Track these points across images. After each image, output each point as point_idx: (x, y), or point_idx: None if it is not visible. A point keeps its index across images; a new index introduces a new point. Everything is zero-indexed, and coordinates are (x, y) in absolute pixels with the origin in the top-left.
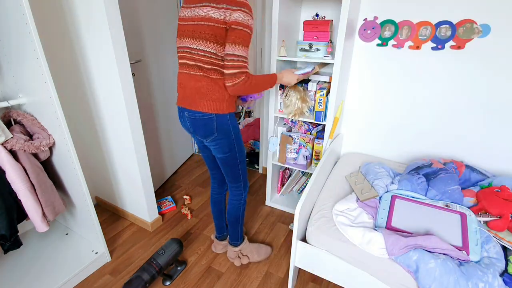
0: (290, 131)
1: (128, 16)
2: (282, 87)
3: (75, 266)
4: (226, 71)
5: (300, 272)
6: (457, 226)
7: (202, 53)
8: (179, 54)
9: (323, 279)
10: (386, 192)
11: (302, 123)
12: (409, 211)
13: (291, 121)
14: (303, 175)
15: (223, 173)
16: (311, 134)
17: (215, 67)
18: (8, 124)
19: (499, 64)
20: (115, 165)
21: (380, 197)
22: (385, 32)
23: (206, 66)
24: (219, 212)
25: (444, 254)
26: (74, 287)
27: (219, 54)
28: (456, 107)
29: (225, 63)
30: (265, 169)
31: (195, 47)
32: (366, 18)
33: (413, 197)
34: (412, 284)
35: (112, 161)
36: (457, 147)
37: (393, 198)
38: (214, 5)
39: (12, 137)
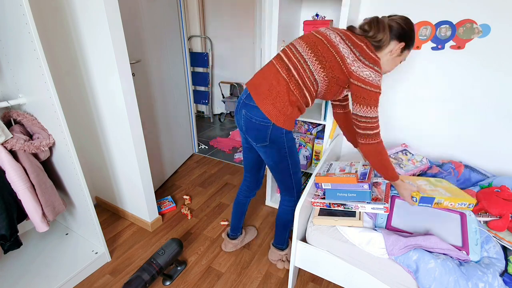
0: None
1: (128, 16)
2: None
3: (75, 266)
4: (360, 131)
5: (300, 272)
6: (457, 226)
7: (303, 64)
8: (283, 48)
9: (323, 279)
10: None
11: (302, 123)
12: (409, 211)
13: None
14: (303, 175)
15: (275, 180)
16: (311, 134)
17: (302, 83)
18: (8, 124)
19: (499, 64)
20: (115, 165)
21: None
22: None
23: (296, 76)
24: (240, 214)
25: (444, 254)
26: (74, 287)
27: (315, 75)
28: (456, 107)
29: (357, 123)
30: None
31: (302, 53)
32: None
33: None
34: (412, 284)
35: (112, 161)
36: (457, 147)
37: (393, 198)
38: (349, 44)
39: (12, 137)
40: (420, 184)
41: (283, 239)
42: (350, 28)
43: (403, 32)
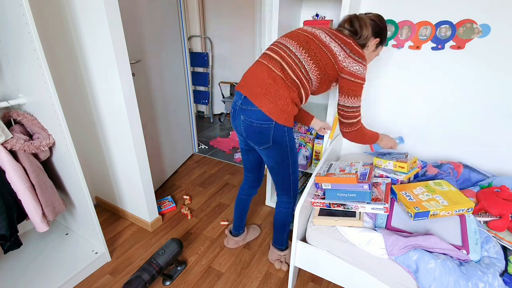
0: None
1: (128, 16)
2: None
3: (75, 266)
4: (343, 120)
5: (300, 272)
6: (457, 226)
7: (297, 62)
8: (270, 46)
9: (323, 279)
10: None
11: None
12: None
13: None
14: (303, 175)
15: (273, 181)
16: (311, 134)
17: (297, 80)
18: (8, 124)
19: (499, 64)
20: (115, 165)
21: None
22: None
23: (291, 73)
24: (241, 212)
25: (444, 254)
26: (74, 287)
27: (310, 74)
28: (456, 107)
29: (343, 112)
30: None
31: (295, 52)
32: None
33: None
34: (412, 284)
35: (112, 161)
36: (457, 147)
37: (392, 199)
38: (339, 43)
39: (12, 137)
40: (417, 194)
41: (281, 239)
42: (338, 29)
43: (378, 29)
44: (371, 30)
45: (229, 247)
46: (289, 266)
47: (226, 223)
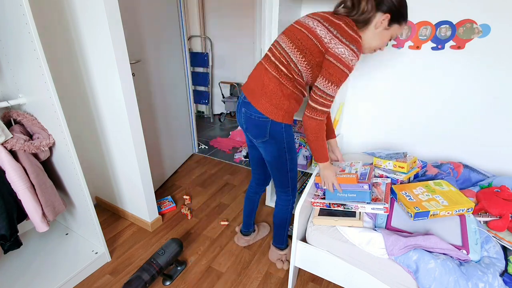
0: None
1: (128, 16)
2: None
3: (75, 266)
4: (310, 102)
5: (300, 272)
6: (457, 226)
7: (287, 58)
8: (270, 46)
9: (323, 279)
10: None
11: (302, 123)
12: None
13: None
14: (303, 175)
15: (272, 177)
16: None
17: (291, 76)
18: (8, 124)
19: (499, 64)
20: (115, 165)
21: None
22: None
23: (284, 71)
24: (250, 210)
25: (444, 254)
26: (74, 287)
27: (298, 66)
28: (456, 107)
29: (313, 94)
30: None
31: (285, 48)
32: None
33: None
34: (412, 284)
35: (112, 161)
36: (457, 147)
37: (392, 199)
38: (327, 25)
39: (12, 137)
40: (417, 194)
41: (281, 238)
42: (335, 11)
43: (390, 3)
44: (373, 4)
45: (239, 245)
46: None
47: (226, 223)
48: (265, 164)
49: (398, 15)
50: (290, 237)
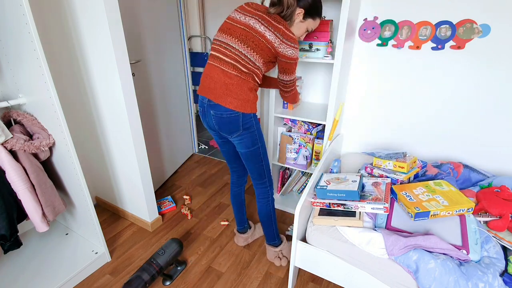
0: (290, 131)
1: (128, 16)
2: None
3: (75, 266)
4: (285, 89)
5: (300, 272)
6: (457, 226)
7: (244, 57)
8: (215, 47)
9: (323, 279)
10: None
11: (302, 123)
12: None
13: (291, 121)
14: (303, 175)
15: (248, 170)
16: (311, 134)
17: (249, 72)
18: (8, 124)
19: (499, 64)
20: (115, 165)
21: None
22: (385, 32)
23: (243, 68)
24: (239, 205)
25: (444, 254)
26: (74, 287)
27: (256, 63)
28: (456, 107)
29: (282, 83)
30: None
31: (239, 49)
32: (366, 18)
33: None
34: (412, 284)
35: (112, 161)
36: (457, 147)
37: (392, 199)
38: (272, 30)
39: (12, 137)
40: (417, 194)
41: (272, 234)
42: (268, 11)
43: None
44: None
45: (240, 245)
46: (289, 261)
47: (226, 223)
48: (239, 156)
49: (312, 10)
50: (290, 239)
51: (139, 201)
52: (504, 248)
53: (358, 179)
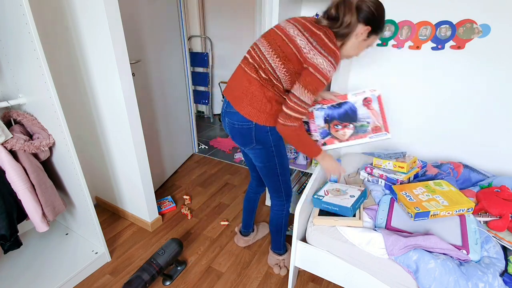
0: None
1: (128, 16)
2: None
3: (75, 266)
4: (285, 109)
5: (300, 272)
6: (457, 226)
7: (265, 62)
8: (249, 49)
9: (323, 279)
10: (384, 195)
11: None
12: None
13: None
14: (303, 175)
15: (264, 182)
16: (310, 134)
17: (270, 78)
18: (8, 124)
19: (499, 64)
20: (115, 165)
21: (379, 201)
22: (385, 32)
23: (262, 74)
24: (250, 210)
25: (444, 254)
26: (74, 287)
27: (277, 72)
28: (456, 107)
29: (288, 100)
30: None
31: (264, 53)
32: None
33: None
34: (412, 284)
35: (112, 161)
36: (457, 147)
37: (392, 199)
38: (307, 35)
39: (12, 137)
40: (417, 194)
41: (279, 243)
42: (317, 20)
43: (372, 16)
44: (356, 16)
45: (239, 245)
46: (288, 270)
47: (226, 223)
48: None
49: (378, 28)
50: (290, 240)
51: (139, 201)
52: (504, 248)
53: (358, 195)
